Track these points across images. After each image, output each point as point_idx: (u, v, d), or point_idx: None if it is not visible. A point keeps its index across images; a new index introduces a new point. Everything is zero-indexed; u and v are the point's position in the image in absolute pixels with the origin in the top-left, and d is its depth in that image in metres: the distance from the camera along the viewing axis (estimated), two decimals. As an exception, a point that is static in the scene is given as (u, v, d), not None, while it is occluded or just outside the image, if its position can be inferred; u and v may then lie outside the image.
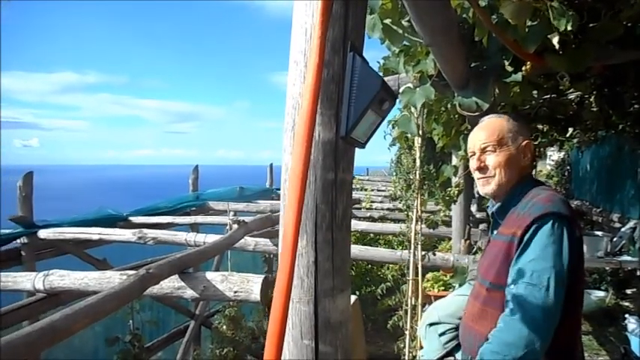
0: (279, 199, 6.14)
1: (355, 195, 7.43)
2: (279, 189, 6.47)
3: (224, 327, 4.92)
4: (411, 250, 2.54)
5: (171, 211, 5.94)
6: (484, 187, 1.59)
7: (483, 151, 1.56)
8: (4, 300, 2.97)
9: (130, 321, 4.34)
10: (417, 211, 2.56)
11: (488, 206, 1.77)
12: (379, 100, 0.83)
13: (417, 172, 2.52)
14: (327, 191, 0.88)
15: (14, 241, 4.39)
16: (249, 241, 3.80)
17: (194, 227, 5.80)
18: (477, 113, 2.01)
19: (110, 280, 2.50)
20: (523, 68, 1.84)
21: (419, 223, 2.57)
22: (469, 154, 1.64)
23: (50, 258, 4.65)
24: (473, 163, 1.59)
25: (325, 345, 0.88)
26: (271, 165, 8.80)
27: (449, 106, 2.60)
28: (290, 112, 0.90)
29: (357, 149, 0.94)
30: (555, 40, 1.59)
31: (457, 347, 1.93)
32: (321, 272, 0.88)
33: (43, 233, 4.31)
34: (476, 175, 1.60)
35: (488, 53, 1.89)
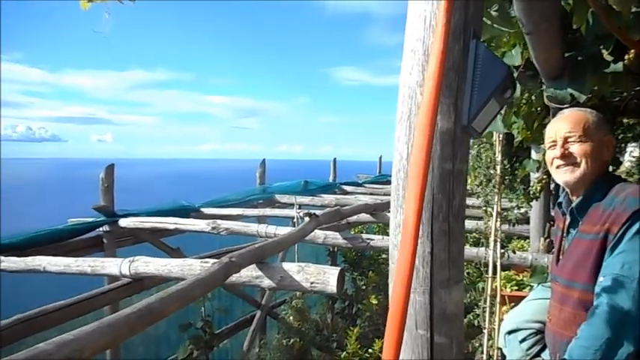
0: (342, 194, 6.18)
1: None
2: (343, 183, 6.53)
3: (290, 318, 5.01)
4: (490, 248, 2.47)
5: (240, 204, 6.10)
6: (566, 174, 1.52)
7: (567, 140, 1.50)
8: (86, 285, 3.17)
9: (202, 308, 4.51)
10: (497, 208, 2.48)
11: (560, 203, 1.69)
12: (503, 89, 0.81)
13: (498, 167, 2.45)
14: (445, 181, 0.87)
15: (97, 229, 4.66)
16: (318, 234, 3.83)
17: (261, 219, 5.94)
18: (566, 106, 1.93)
19: (192, 267, 2.60)
20: (625, 57, 1.73)
21: (498, 219, 2.50)
22: (548, 144, 1.57)
23: (129, 246, 4.91)
24: (555, 152, 1.53)
25: (440, 336, 0.88)
26: (335, 160, 8.83)
27: (533, 98, 2.50)
28: (406, 102, 0.89)
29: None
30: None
31: (540, 352, 1.87)
32: (436, 262, 0.87)
33: (123, 222, 4.55)
34: (556, 163, 1.54)
35: (585, 42, 1.79)
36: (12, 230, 4.37)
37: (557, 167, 1.54)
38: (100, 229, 4.64)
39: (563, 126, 1.52)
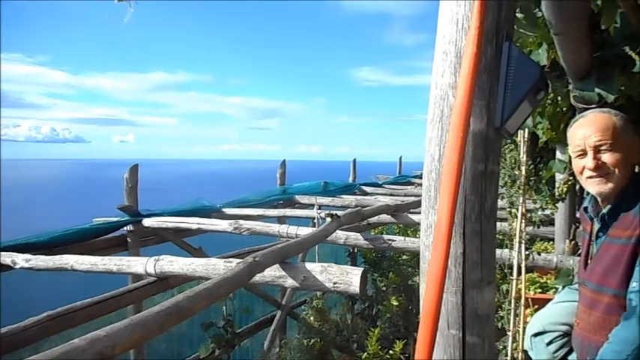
0: (362, 194, 6.17)
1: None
2: (363, 184, 6.51)
3: (311, 318, 5.03)
4: (515, 249, 2.45)
5: (261, 204, 6.13)
6: (600, 186, 1.48)
7: (598, 149, 1.46)
8: (108, 285, 3.22)
9: (224, 307, 4.56)
10: (522, 209, 2.46)
11: (586, 207, 1.66)
12: (536, 90, 0.81)
13: (523, 168, 2.42)
14: (477, 182, 0.87)
15: (121, 229, 4.74)
16: (339, 235, 3.83)
17: (281, 220, 5.97)
18: (593, 106, 1.90)
19: (215, 266, 2.63)
20: (655, 57, 1.71)
21: (523, 221, 2.47)
22: (575, 152, 1.53)
23: (152, 245, 4.98)
24: (586, 162, 1.48)
25: (472, 336, 0.88)
26: (354, 160, 8.83)
27: (558, 98, 2.47)
28: (438, 103, 0.90)
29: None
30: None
31: (567, 355, 1.85)
32: (469, 263, 0.88)
33: (147, 222, 4.62)
34: (587, 173, 1.50)
35: (613, 42, 1.77)
36: (38, 229, 4.47)
37: (589, 178, 1.50)
38: (124, 228, 4.72)
39: (592, 133, 1.47)
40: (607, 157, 1.45)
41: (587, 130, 1.49)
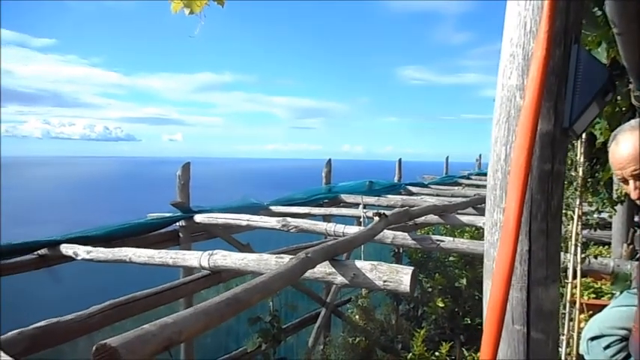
0: (408, 194, 6.12)
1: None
2: (408, 184, 6.45)
3: (356, 317, 5.06)
4: (571, 252, 2.40)
5: (306, 202, 6.21)
6: None
7: (638, 177, 1.34)
8: (162, 278, 3.35)
9: (271, 303, 4.65)
10: (579, 211, 2.41)
11: None
12: (604, 92, 0.82)
13: (580, 169, 2.37)
14: (544, 182, 0.89)
15: (174, 224, 4.92)
16: (387, 234, 3.84)
17: (326, 218, 6.02)
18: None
19: (267, 262, 2.70)
20: None
21: (579, 223, 2.42)
22: (618, 177, 1.45)
23: (202, 240, 5.14)
24: (630, 189, 1.40)
25: (537, 332, 0.90)
26: (400, 160, 8.79)
27: (618, 98, 2.40)
28: (504, 104, 0.92)
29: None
30: None
31: (625, 359, 1.80)
32: (534, 261, 0.90)
33: (198, 217, 4.77)
34: (635, 196, 1.42)
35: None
36: (93, 223, 4.70)
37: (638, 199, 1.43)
38: (177, 224, 4.89)
39: (627, 162, 1.34)
40: None
41: (622, 159, 1.37)
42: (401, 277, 2.36)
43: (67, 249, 3.71)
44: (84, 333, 2.42)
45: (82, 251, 3.60)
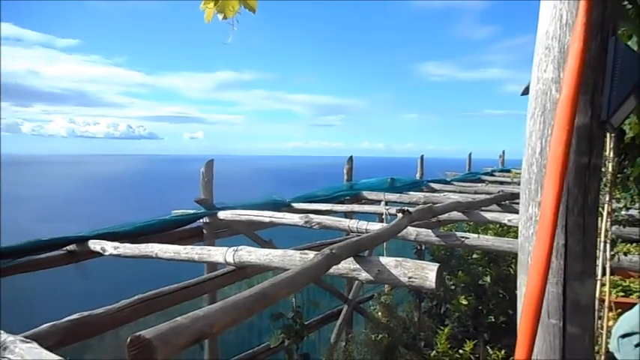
0: (430, 191, 6.08)
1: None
2: (430, 181, 6.41)
3: (379, 313, 5.06)
4: (600, 249, 2.35)
5: (328, 199, 6.21)
6: None
7: None
8: (187, 274, 3.39)
9: (293, 299, 4.67)
10: (608, 208, 2.36)
11: None
12: (642, 85, 0.80)
13: (610, 165, 2.32)
14: (581, 175, 0.87)
15: (198, 221, 4.97)
16: (410, 231, 3.82)
17: (348, 215, 6.02)
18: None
19: (292, 257, 2.72)
20: None
21: (609, 220, 2.37)
22: None
23: (225, 237, 5.19)
24: None
25: (573, 326, 0.89)
26: (422, 157, 8.72)
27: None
28: (539, 98, 0.90)
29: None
30: None
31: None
32: (570, 255, 0.88)
33: (222, 214, 4.82)
34: None
35: None
36: (119, 219, 4.79)
37: None
38: (200, 220, 4.95)
39: None
40: None
41: None
42: (426, 273, 2.35)
43: (94, 245, 3.78)
44: (114, 326, 2.48)
45: (110, 247, 3.68)
